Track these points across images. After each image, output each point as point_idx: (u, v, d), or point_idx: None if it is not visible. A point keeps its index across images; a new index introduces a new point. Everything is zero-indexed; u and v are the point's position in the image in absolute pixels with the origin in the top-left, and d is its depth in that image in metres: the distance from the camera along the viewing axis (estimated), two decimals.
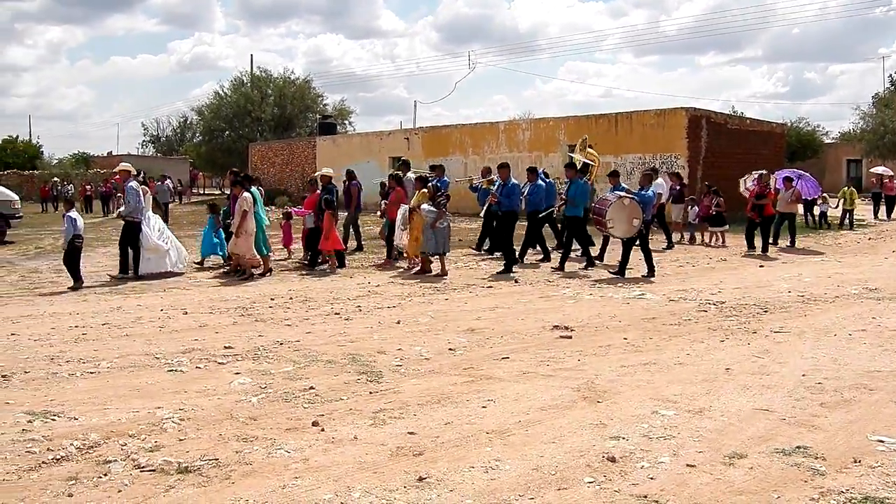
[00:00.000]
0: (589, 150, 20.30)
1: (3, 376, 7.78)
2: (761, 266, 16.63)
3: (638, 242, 15.09)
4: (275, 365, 8.18)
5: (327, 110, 61.75)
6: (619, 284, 13.77)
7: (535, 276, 14.87)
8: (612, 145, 29.91)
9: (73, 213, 14.15)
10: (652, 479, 5.09)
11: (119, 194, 17.33)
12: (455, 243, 18.68)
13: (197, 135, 72.43)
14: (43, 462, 5.49)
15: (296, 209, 18.92)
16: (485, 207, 16.97)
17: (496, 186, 16.18)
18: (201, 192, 65.60)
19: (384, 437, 5.91)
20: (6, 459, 5.53)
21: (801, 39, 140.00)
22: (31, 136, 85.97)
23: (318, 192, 16.05)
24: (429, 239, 14.83)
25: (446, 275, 14.89)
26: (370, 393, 7.13)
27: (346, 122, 63.93)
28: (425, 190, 15.35)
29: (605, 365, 8.12)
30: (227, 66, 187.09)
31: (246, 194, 14.90)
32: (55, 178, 42.27)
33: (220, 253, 16.89)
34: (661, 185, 20.31)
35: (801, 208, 24.62)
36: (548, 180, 18.29)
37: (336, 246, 16.00)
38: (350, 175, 20.55)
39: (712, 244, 21.21)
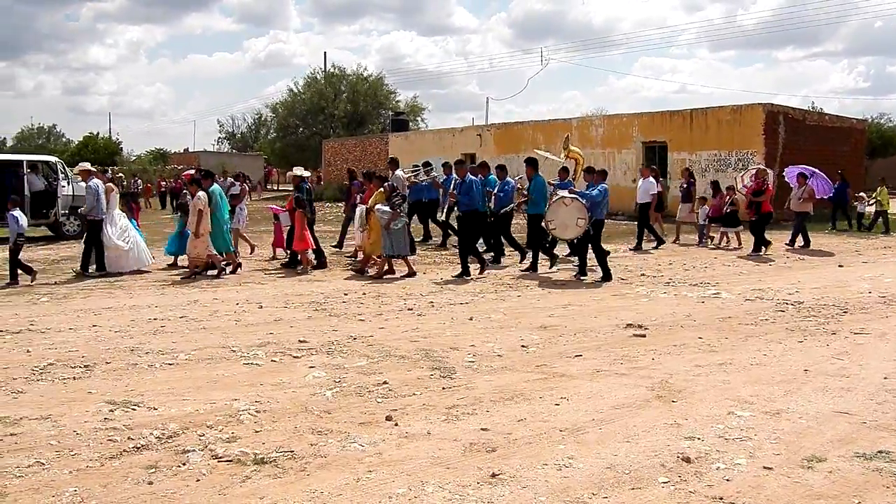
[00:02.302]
0: (572, 148, 19.93)
1: (85, 366, 7.99)
2: (840, 266, 16.28)
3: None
4: (349, 359, 8.26)
5: (400, 107, 62.05)
6: (694, 283, 13.59)
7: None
8: (686, 142, 29.59)
9: (16, 212, 14.40)
10: (728, 480, 5.03)
11: (185, 191, 17.69)
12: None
13: (271, 131, 73.49)
14: (124, 450, 5.62)
15: (274, 207, 18.94)
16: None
17: (452, 184, 15.69)
18: (275, 188, 66.37)
19: (457, 433, 5.93)
20: (89, 447, 5.69)
21: (883, 32, 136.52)
22: (110, 133, 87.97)
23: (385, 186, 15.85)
24: (384, 241, 14.45)
25: (413, 275, 14.54)
26: (443, 388, 7.16)
27: (419, 118, 64.21)
28: (382, 189, 14.97)
29: (679, 364, 8.03)
30: (302, 63, 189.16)
31: (200, 193, 14.72)
32: (120, 175, 43.13)
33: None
34: (651, 183, 19.94)
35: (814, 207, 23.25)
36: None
37: (305, 246, 15.60)
38: (351, 175, 20.61)
39: (723, 245, 20.14)
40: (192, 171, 22.33)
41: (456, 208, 15.80)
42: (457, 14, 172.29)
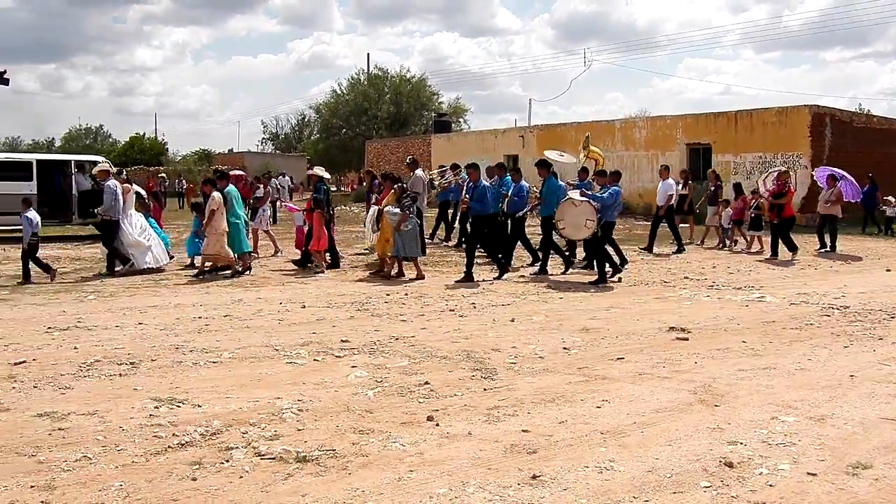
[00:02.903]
0: (592, 148, 19.68)
1: (131, 363, 8.10)
2: (888, 270, 16.05)
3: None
4: (390, 359, 8.30)
5: (442, 108, 62.18)
6: (738, 287, 13.46)
7: (648, 277, 14.69)
8: (731, 144, 29.36)
9: (30, 213, 14.59)
10: (771, 486, 4.98)
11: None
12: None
13: (315, 132, 73.93)
14: (169, 446, 5.70)
15: (290, 206, 18.92)
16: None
17: (466, 186, 15.41)
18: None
19: (498, 434, 5.94)
20: (135, 443, 5.77)
21: None
22: (156, 133, 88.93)
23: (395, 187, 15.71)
24: (395, 242, 14.37)
25: (422, 278, 14.41)
26: (484, 390, 7.17)
27: (461, 119, 64.29)
28: (394, 190, 14.90)
29: (722, 368, 7.98)
30: (345, 64, 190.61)
31: (215, 194, 14.85)
32: (161, 175, 43.52)
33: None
34: (669, 184, 19.56)
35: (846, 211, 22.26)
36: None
37: (322, 246, 15.57)
38: (371, 176, 20.58)
39: (752, 249, 19.42)
40: (238, 171, 22.59)
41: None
42: (500, 15, 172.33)
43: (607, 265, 14.36)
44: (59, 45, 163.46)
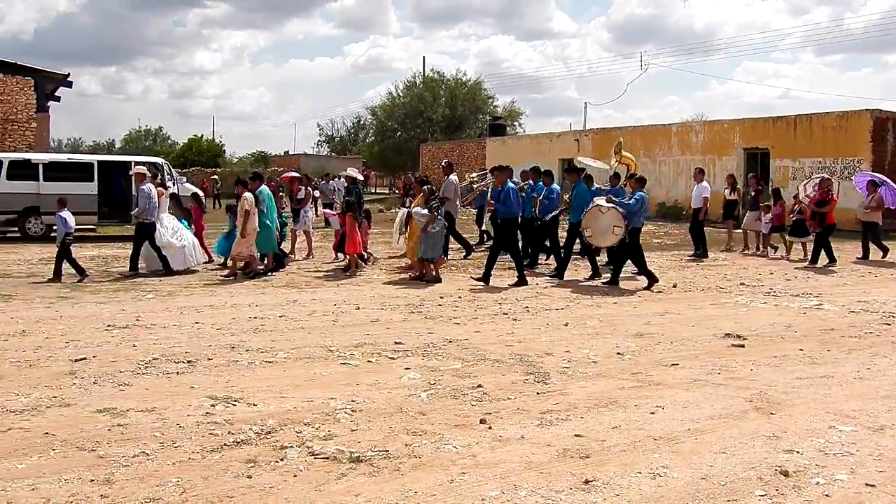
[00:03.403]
0: (624, 154, 19.42)
1: (188, 362, 8.23)
2: None
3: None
4: (444, 362, 8.32)
5: (497, 112, 62.21)
6: (795, 294, 13.27)
7: (706, 283, 14.55)
8: (789, 149, 28.97)
9: (65, 213, 14.83)
10: (827, 496, 4.92)
11: (280, 192, 18.08)
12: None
13: (370, 135, 74.34)
14: (224, 444, 5.78)
15: (327, 211, 18.91)
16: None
17: (492, 190, 15.35)
18: (373, 190, 67.08)
19: (551, 438, 5.94)
20: (191, 440, 5.86)
21: None
22: (214, 135, 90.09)
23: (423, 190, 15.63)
24: (421, 243, 14.39)
25: (439, 281, 14.40)
26: (537, 393, 7.17)
27: (516, 123, 64.24)
28: (423, 193, 14.89)
29: (779, 376, 7.88)
30: (401, 67, 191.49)
31: (247, 194, 14.98)
32: (214, 176, 43.95)
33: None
34: (703, 187, 19.25)
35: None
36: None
37: (356, 249, 15.70)
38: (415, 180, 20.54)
39: (791, 256, 18.92)
40: (292, 173, 22.79)
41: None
42: (556, 18, 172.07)
43: (642, 270, 14.39)
44: (120, 48, 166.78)
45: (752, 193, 20.47)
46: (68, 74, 31.98)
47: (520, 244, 15.43)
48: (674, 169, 33.37)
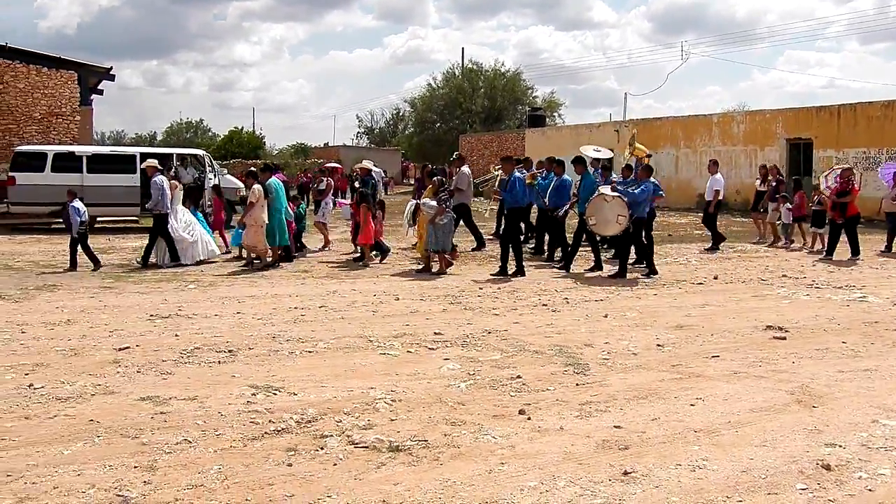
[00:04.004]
0: (637, 146, 19.13)
1: (229, 351, 8.32)
2: None
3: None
4: (483, 353, 8.34)
5: (537, 102, 61.93)
6: (838, 286, 13.10)
7: (744, 274, 14.41)
8: (833, 139, 28.54)
9: (76, 203, 15.14)
10: (870, 490, 4.87)
11: (314, 185, 18.16)
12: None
13: (409, 126, 74.34)
14: (265, 433, 5.85)
15: (340, 201, 18.89)
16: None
17: (500, 179, 15.14)
18: (412, 182, 67.11)
19: (590, 430, 5.93)
20: (233, 428, 5.94)
21: None
22: (254, 127, 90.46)
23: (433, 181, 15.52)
24: (430, 235, 14.31)
25: (444, 273, 14.33)
26: (576, 385, 7.16)
27: (556, 114, 63.93)
28: (432, 184, 14.83)
29: (821, 369, 7.80)
30: (440, 59, 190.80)
31: (256, 186, 15.10)
32: (252, 168, 44.11)
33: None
34: (717, 179, 18.81)
35: None
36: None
37: (368, 240, 15.71)
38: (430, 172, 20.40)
39: (813, 248, 18.29)
40: (333, 164, 22.89)
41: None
42: (596, 8, 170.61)
43: (642, 262, 14.49)
44: (161, 41, 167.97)
45: (773, 184, 20.18)
46: (111, 68, 32.32)
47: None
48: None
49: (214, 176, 23.88)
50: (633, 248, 14.67)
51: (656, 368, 7.78)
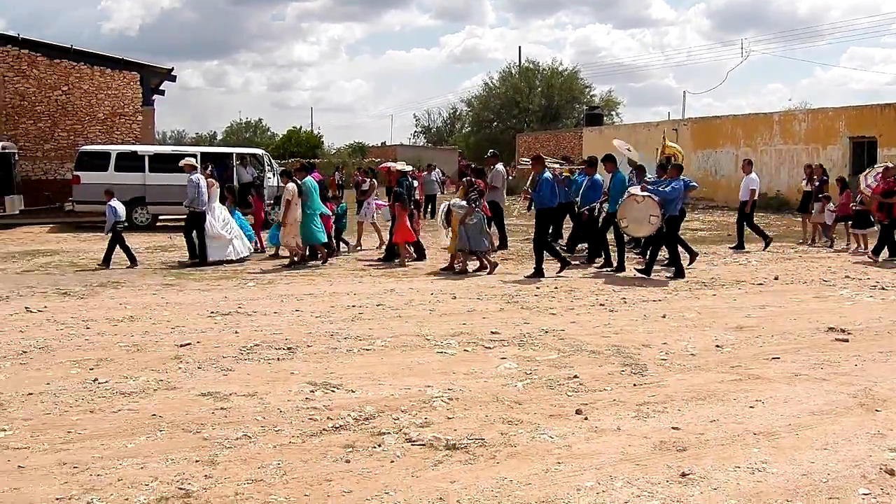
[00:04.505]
0: (668, 143, 18.74)
1: (288, 349, 8.41)
2: None
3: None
4: (540, 352, 8.33)
5: (594, 101, 61.66)
6: None
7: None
8: None
9: (114, 202, 15.40)
10: None
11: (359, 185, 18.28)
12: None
13: (466, 125, 74.47)
14: (323, 429, 5.91)
15: (378, 202, 18.90)
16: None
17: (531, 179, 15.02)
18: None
19: (647, 430, 5.90)
20: (291, 424, 6.01)
21: None
22: (312, 126, 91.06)
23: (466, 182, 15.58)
24: (461, 236, 14.24)
25: (488, 272, 14.29)
26: (634, 385, 7.12)
27: (614, 112, 63.57)
28: (462, 184, 14.79)
29: (885, 371, 7.65)
30: (497, 58, 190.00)
31: (290, 185, 15.29)
32: (286, 168, 44.47)
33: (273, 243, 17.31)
34: (752, 179, 18.38)
35: None
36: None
37: (405, 238, 15.74)
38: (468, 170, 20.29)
39: (854, 249, 17.82)
40: (390, 164, 23.01)
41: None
42: (654, 6, 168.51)
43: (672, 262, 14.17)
44: (221, 42, 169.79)
45: (817, 184, 19.80)
46: (172, 69, 32.79)
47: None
48: (776, 158, 32.53)
49: (273, 175, 24.13)
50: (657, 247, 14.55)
51: (715, 370, 7.70)
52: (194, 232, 15.73)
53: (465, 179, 15.17)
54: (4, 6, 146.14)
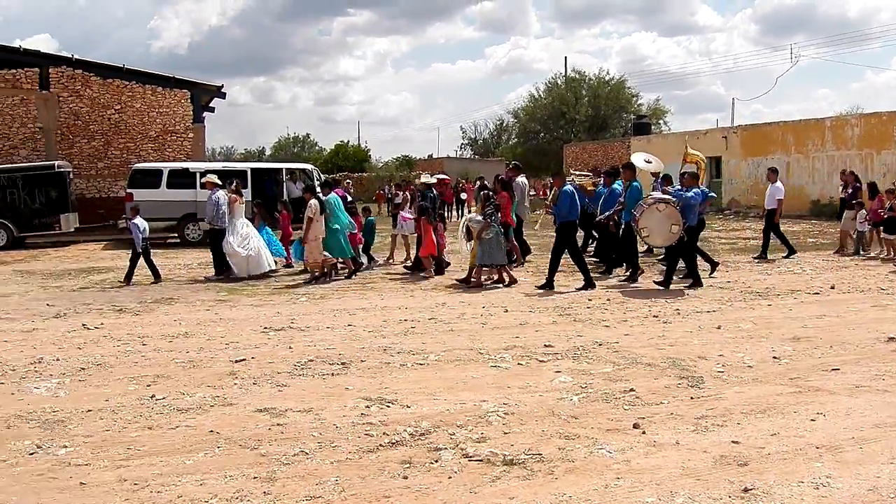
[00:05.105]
0: (690, 151, 18.42)
1: (342, 364, 8.43)
2: None
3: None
4: (594, 365, 8.26)
5: (642, 110, 61.35)
6: None
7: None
8: None
9: (137, 220, 15.64)
10: None
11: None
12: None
13: (512, 137, 74.45)
14: (380, 445, 5.91)
15: (404, 215, 18.86)
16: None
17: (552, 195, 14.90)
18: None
19: (707, 445, 5.82)
20: (348, 440, 6.02)
21: None
22: (359, 140, 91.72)
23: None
24: (477, 249, 14.32)
25: (507, 284, 14.28)
26: (691, 398, 7.03)
27: (661, 121, 63.18)
28: (481, 198, 14.74)
29: None
30: (542, 68, 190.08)
31: (312, 201, 15.27)
32: (347, 181, 44.48)
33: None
34: (777, 188, 17.97)
35: None
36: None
37: (429, 251, 15.80)
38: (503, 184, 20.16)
39: (885, 256, 17.55)
40: (440, 176, 23.06)
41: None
42: (700, 12, 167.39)
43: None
44: (268, 58, 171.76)
45: (850, 191, 19.41)
46: (222, 86, 33.22)
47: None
48: (828, 165, 32.08)
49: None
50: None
51: (773, 382, 7.59)
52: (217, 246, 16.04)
53: (482, 193, 15.21)
54: (57, 28, 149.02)
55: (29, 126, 29.05)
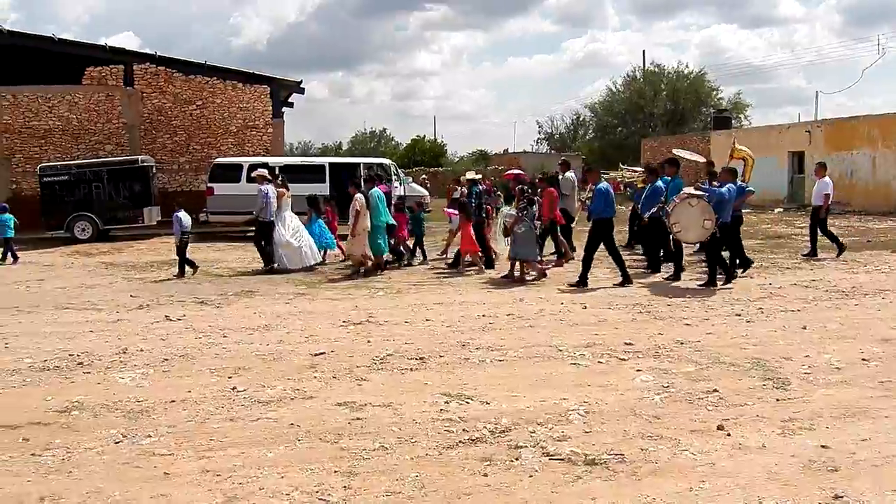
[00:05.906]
0: (737, 147, 17.73)
1: (420, 359, 8.43)
2: None
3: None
4: (676, 364, 8.12)
5: (722, 104, 60.30)
6: None
7: None
8: None
9: (180, 213, 15.90)
10: None
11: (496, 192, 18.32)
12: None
13: (589, 131, 73.80)
14: (460, 441, 5.89)
15: (447, 210, 18.64)
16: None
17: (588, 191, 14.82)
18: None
19: (794, 449, 5.67)
20: (427, 436, 6.01)
21: None
22: (435, 135, 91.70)
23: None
24: (512, 244, 14.33)
25: (544, 275, 14.35)
26: (777, 400, 6.87)
27: (742, 115, 62.04)
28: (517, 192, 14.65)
29: None
30: (619, 62, 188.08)
31: (358, 195, 15.38)
32: (423, 176, 44.51)
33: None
34: (825, 183, 17.39)
35: None
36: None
37: (467, 248, 15.81)
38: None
39: None
40: (515, 171, 22.98)
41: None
42: (782, 4, 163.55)
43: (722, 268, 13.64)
44: (346, 54, 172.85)
45: None
46: (301, 81, 33.52)
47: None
48: None
49: (400, 184, 24.39)
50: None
51: (863, 384, 7.36)
52: (263, 240, 16.31)
53: (518, 188, 15.25)
54: (140, 26, 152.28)
55: (114, 122, 29.64)
